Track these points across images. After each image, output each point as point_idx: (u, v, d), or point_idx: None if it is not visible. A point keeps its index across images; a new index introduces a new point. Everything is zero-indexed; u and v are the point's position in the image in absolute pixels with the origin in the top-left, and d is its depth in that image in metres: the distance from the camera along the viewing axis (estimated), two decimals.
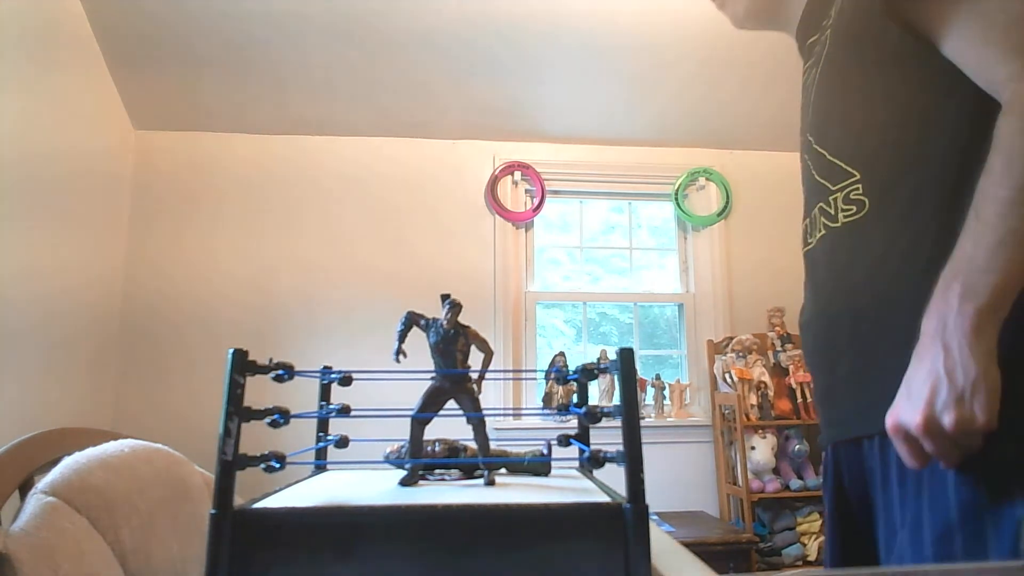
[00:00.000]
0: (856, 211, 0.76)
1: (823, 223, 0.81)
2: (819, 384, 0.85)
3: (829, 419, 0.83)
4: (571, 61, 2.67)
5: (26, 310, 2.15)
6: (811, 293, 0.86)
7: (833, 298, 0.80)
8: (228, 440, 0.41)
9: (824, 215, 0.81)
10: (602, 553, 0.39)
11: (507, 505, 0.42)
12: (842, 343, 0.78)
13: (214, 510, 0.39)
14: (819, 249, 0.83)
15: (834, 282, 0.80)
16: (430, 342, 0.58)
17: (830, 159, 0.80)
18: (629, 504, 0.40)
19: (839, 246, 0.79)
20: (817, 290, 0.84)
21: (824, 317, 0.82)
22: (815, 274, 0.85)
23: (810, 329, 0.86)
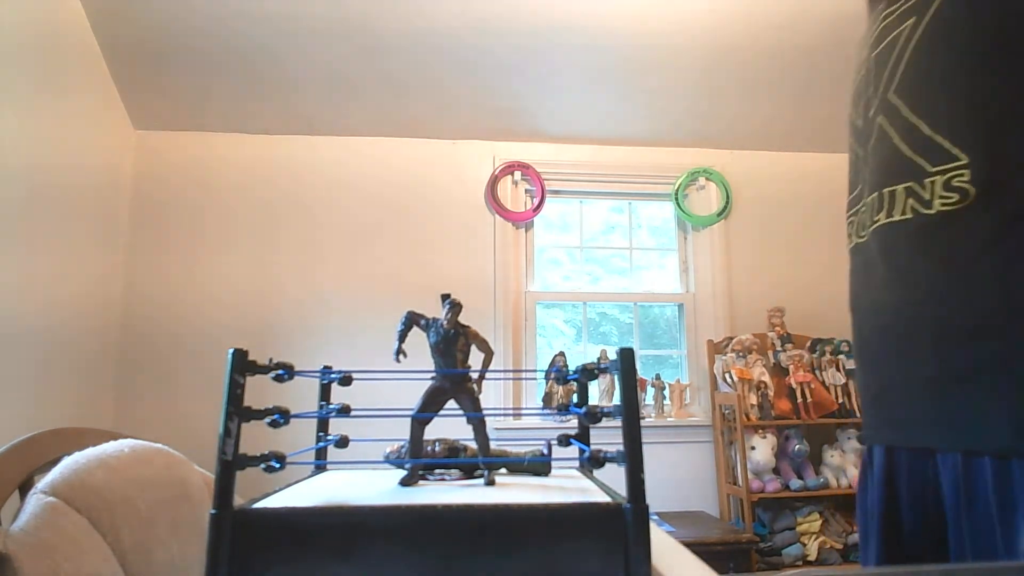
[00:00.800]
0: (959, 200, 0.67)
1: (911, 205, 0.72)
2: (881, 380, 0.77)
3: (892, 421, 0.76)
4: (571, 61, 2.67)
5: (27, 312, 2.15)
6: (882, 277, 0.76)
7: (920, 290, 0.71)
8: (228, 440, 0.41)
9: (914, 197, 0.71)
10: (602, 553, 0.39)
11: (507, 505, 0.42)
12: (927, 342, 0.70)
13: (214, 510, 0.39)
14: (901, 232, 0.73)
15: (923, 273, 0.71)
16: (430, 342, 0.58)
17: (929, 133, 0.70)
18: (629, 504, 0.40)
19: (933, 236, 0.69)
20: (896, 276, 0.74)
21: (904, 308, 0.73)
22: (892, 257, 0.75)
23: (876, 317, 0.77)
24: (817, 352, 2.82)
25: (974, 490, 0.65)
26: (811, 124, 3.00)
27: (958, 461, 0.66)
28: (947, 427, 0.67)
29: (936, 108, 0.71)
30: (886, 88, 0.76)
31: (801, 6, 2.46)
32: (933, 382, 0.69)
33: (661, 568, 0.45)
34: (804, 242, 3.09)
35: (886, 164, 0.75)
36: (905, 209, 0.72)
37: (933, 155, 0.70)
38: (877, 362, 0.78)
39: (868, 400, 0.81)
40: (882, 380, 0.77)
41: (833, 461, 2.72)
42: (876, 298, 0.78)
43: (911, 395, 0.72)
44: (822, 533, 2.62)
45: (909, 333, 0.72)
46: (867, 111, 0.80)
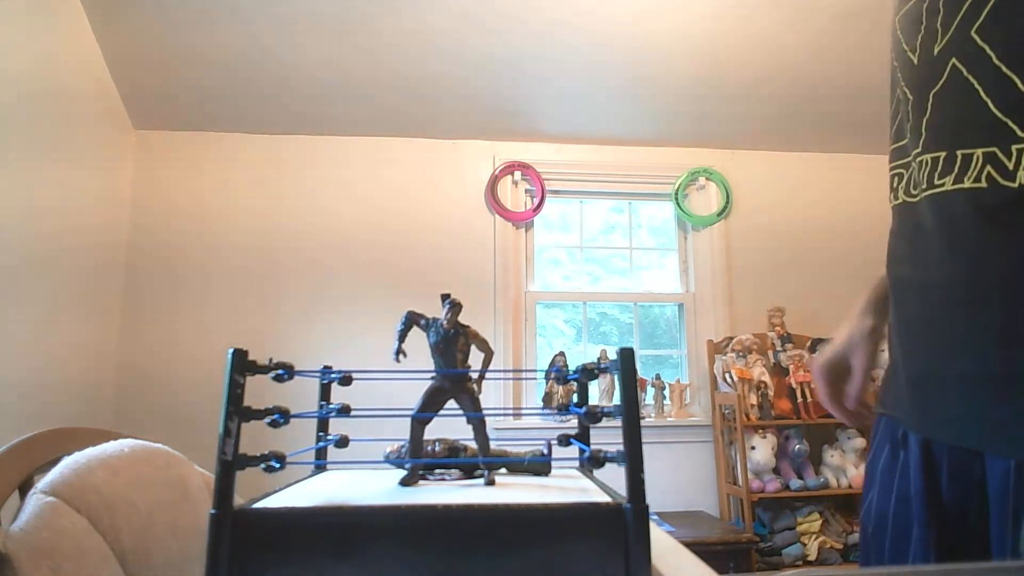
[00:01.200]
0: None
1: (988, 173, 0.61)
2: (928, 366, 0.68)
3: (936, 413, 0.68)
4: (571, 61, 2.67)
5: (26, 310, 2.15)
6: (941, 249, 0.66)
7: (990, 273, 0.61)
8: (228, 440, 0.41)
9: (993, 163, 0.60)
10: (602, 553, 0.39)
11: (507, 505, 0.42)
12: (991, 335, 0.61)
13: (214, 510, 0.39)
14: (971, 201, 0.62)
15: (996, 254, 0.61)
16: (430, 342, 0.58)
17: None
18: (629, 504, 0.40)
19: (1012, 212, 0.59)
20: (961, 252, 0.64)
21: (966, 291, 0.63)
22: (956, 229, 0.64)
23: (928, 293, 0.68)
24: (817, 352, 2.81)
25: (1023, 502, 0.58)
26: (811, 124, 3.00)
27: (1011, 468, 0.59)
28: (1003, 432, 0.60)
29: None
30: (966, 22, 0.62)
31: (801, 5, 2.46)
32: (993, 380, 0.61)
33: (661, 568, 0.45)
34: (804, 242, 3.08)
35: (963, 120, 0.63)
36: (980, 176, 0.61)
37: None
38: (926, 346, 0.69)
39: (909, 382, 0.72)
40: (929, 366, 0.68)
41: (833, 461, 2.72)
42: (931, 273, 0.68)
43: (964, 390, 0.63)
44: (822, 533, 2.62)
45: (971, 321, 0.63)
46: (930, 45, 0.66)
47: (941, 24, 0.65)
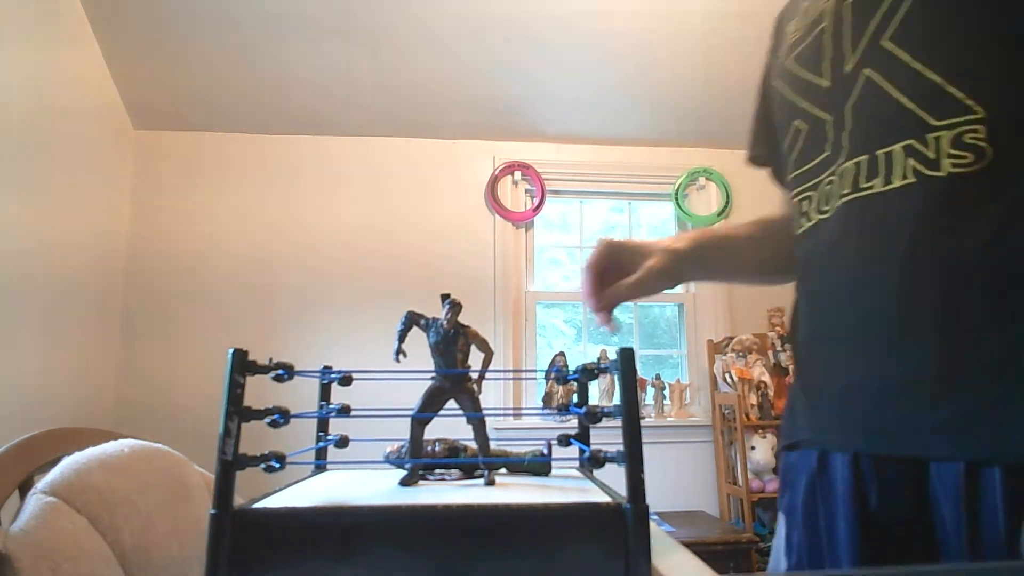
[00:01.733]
0: (973, 160, 0.57)
1: (913, 166, 0.60)
2: (850, 376, 0.65)
3: (866, 425, 0.65)
4: (571, 61, 2.67)
5: (26, 310, 2.15)
6: (861, 255, 0.65)
7: (929, 266, 0.59)
8: (228, 440, 0.41)
9: (915, 156, 0.60)
10: (602, 553, 0.39)
11: (507, 505, 0.42)
12: (926, 331, 0.59)
13: (214, 510, 0.39)
14: (900, 197, 0.61)
15: (934, 246, 0.59)
16: (430, 342, 0.58)
17: (939, 81, 0.59)
18: (629, 504, 0.40)
19: (942, 203, 0.59)
20: (886, 251, 0.62)
21: (894, 289, 0.61)
22: (886, 227, 0.62)
23: (847, 300, 0.66)
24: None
25: (980, 504, 0.56)
26: None
27: (959, 471, 0.57)
28: (946, 434, 0.58)
29: (948, 52, 0.60)
30: (875, 36, 0.64)
31: None
32: (931, 382, 0.59)
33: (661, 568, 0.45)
34: None
35: (877, 121, 0.64)
36: (906, 172, 0.61)
37: (940, 106, 0.59)
38: (854, 356, 0.65)
39: (834, 398, 0.68)
40: (858, 377, 0.65)
41: None
42: (848, 280, 0.66)
43: (900, 396, 0.61)
44: None
45: (904, 322, 0.61)
46: (840, 65, 0.68)
47: (850, 44, 0.67)
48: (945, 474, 0.58)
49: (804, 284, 0.75)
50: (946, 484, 0.58)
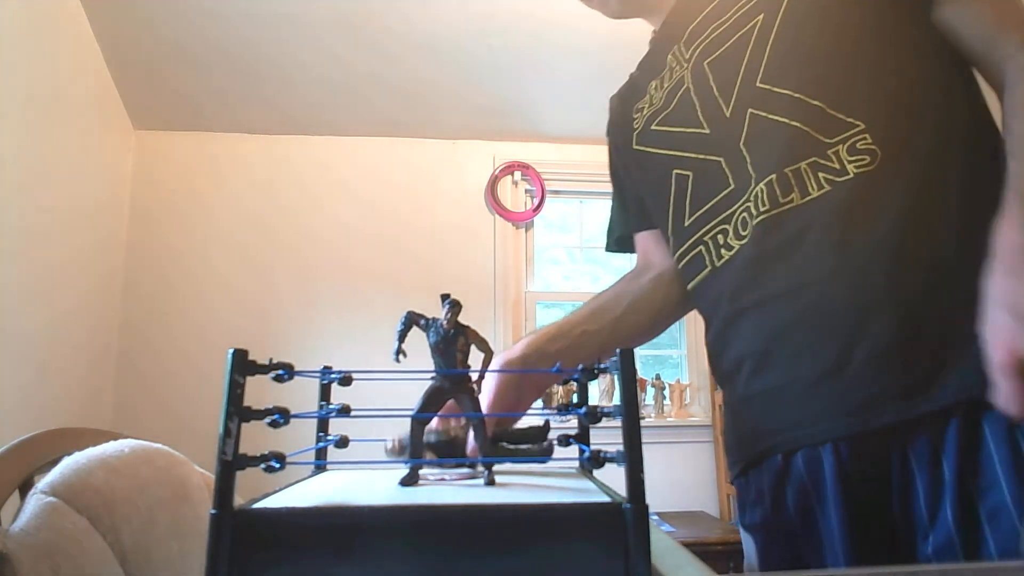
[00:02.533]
0: (870, 161, 0.67)
1: (824, 179, 0.69)
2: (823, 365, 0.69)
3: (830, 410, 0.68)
4: (571, 61, 2.67)
5: (26, 310, 2.15)
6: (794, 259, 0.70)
7: (845, 264, 0.68)
8: (228, 440, 0.41)
9: (823, 170, 0.69)
10: (602, 553, 0.39)
11: (507, 505, 0.42)
12: (862, 316, 0.66)
13: (214, 510, 0.39)
14: (816, 208, 0.69)
15: (857, 238, 0.67)
16: (430, 342, 0.58)
17: (819, 105, 0.70)
18: (629, 504, 0.40)
19: (858, 198, 0.67)
20: (814, 257, 0.69)
21: (852, 280, 0.68)
22: (808, 233, 0.69)
23: (801, 300, 0.70)
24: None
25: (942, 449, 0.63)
26: None
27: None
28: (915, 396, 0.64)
29: (819, 81, 0.70)
30: (747, 81, 0.74)
31: None
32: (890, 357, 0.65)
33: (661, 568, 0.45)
34: None
35: (776, 146, 0.72)
36: (820, 183, 0.69)
37: (828, 127, 0.69)
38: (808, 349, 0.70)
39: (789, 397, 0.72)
40: (814, 368, 0.69)
41: None
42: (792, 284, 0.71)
43: (864, 374, 0.66)
44: None
45: (856, 309, 0.67)
46: (717, 114, 0.77)
47: (721, 93, 0.77)
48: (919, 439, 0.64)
49: (732, 306, 0.77)
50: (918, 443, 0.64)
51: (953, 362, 0.62)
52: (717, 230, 0.78)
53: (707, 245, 0.79)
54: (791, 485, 0.72)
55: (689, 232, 0.82)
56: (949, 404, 0.62)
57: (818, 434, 0.70)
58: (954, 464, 0.62)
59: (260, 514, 0.41)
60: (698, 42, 0.82)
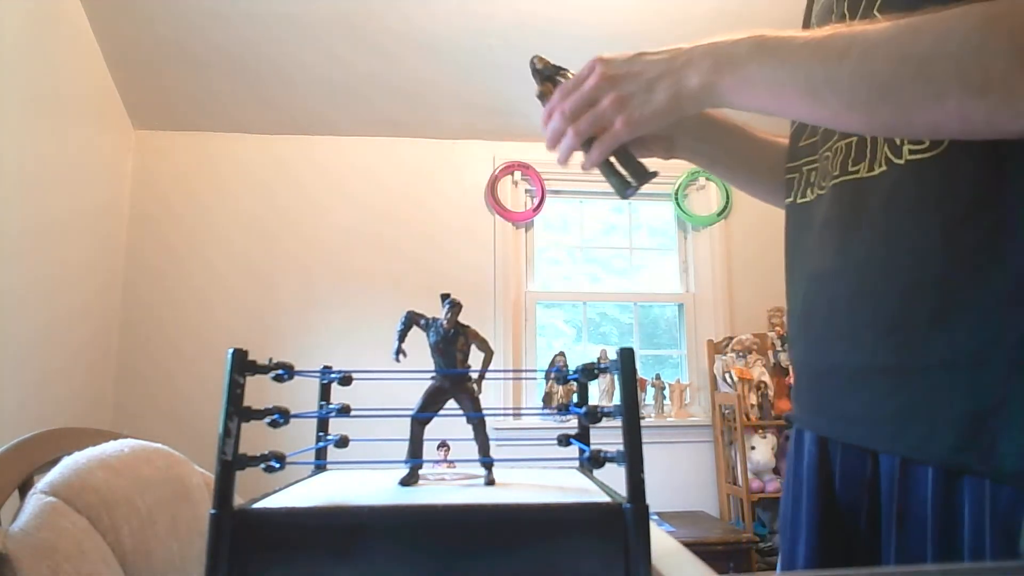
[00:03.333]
0: (929, 146, 0.57)
1: (885, 153, 0.60)
2: (824, 360, 0.66)
3: (829, 410, 0.66)
4: (571, 61, 2.67)
5: (26, 310, 2.15)
6: (841, 240, 0.64)
7: (878, 260, 0.60)
8: (228, 440, 0.41)
9: (888, 142, 0.60)
10: (602, 553, 0.39)
11: (507, 505, 0.42)
12: (882, 323, 0.59)
13: (214, 510, 0.39)
14: (869, 187, 0.61)
15: (894, 239, 0.59)
16: (430, 342, 0.58)
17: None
18: (629, 504, 0.40)
19: (901, 192, 0.59)
20: (858, 239, 0.62)
21: (856, 281, 0.62)
22: (855, 217, 0.62)
23: (824, 285, 0.66)
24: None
25: (909, 501, 0.56)
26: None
27: (896, 466, 0.57)
28: (890, 427, 0.58)
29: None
30: (868, 6, 0.63)
31: (801, 5, 2.46)
32: (884, 372, 0.59)
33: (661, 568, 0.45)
34: None
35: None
36: (882, 160, 0.61)
37: None
38: (821, 340, 0.66)
39: (807, 378, 0.70)
40: (825, 361, 0.66)
41: None
42: (828, 264, 0.66)
43: (858, 384, 0.61)
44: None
45: (861, 310, 0.61)
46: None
47: (848, 8, 0.66)
48: (886, 467, 0.59)
49: (795, 260, 0.74)
50: (886, 478, 0.59)
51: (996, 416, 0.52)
52: (812, 166, 0.72)
53: (802, 175, 0.74)
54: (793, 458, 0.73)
55: (796, 154, 0.76)
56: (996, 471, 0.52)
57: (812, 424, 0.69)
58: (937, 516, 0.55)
59: (260, 514, 0.41)
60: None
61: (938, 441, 0.54)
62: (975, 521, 0.52)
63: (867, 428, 0.61)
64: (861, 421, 0.61)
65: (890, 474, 0.58)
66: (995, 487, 0.51)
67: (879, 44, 0.51)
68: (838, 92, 0.53)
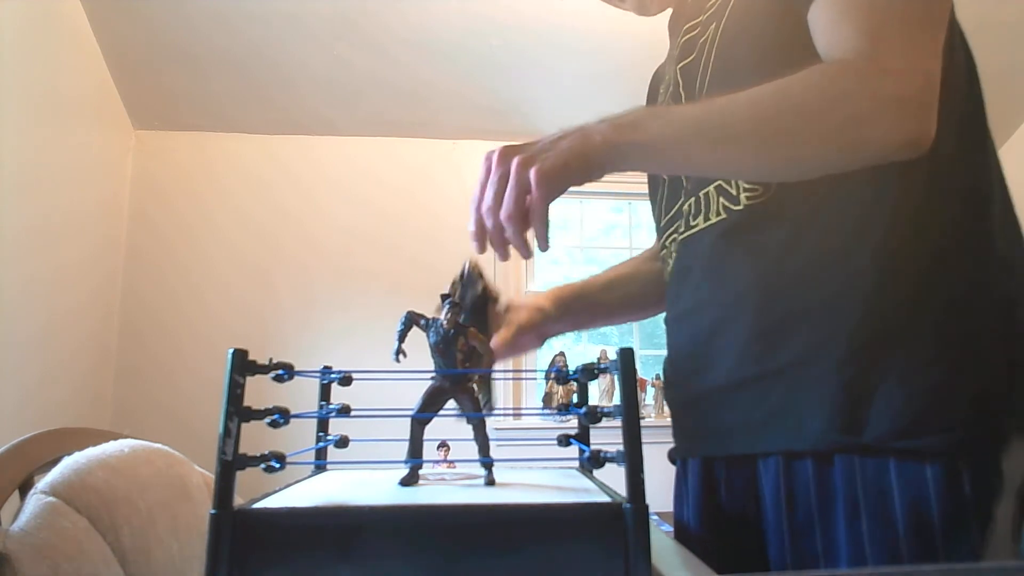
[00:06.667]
0: (762, 192, 0.67)
1: (723, 204, 0.70)
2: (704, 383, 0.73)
3: (707, 430, 0.74)
4: (571, 61, 2.67)
5: (25, 310, 2.15)
6: (695, 283, 0.74)
7: (729, 289, 0.70)
8: (228, 440, 0.41)
9: (724, 195, 0.70)
10: (602, 553, 0.39)
11: (507, 505, 0.42)
12: (739, 342, 0.68)
13: (214, 510, 0.39)
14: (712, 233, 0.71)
15: (733, 271, 0.69)
16: (430, 342, 0.58)
17: None
18: (629, 504, 0.40)
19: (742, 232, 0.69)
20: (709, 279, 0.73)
21: (716, 310, 0.71)
22: (705, 261, 0.73)
23: (689, 323, 0.76)
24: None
25: (794, 491, 0.63)
26: None
27: (779, 464, 0.65)
28: (765, 430, 0.65)
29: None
30: (699, 94, 0.74)
31: None
32: (747, 385, 0.67)
33: (661, 568, 0.45)
34: None
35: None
36: (719, 209, 0.71)
37: None
38: (691, 370, 0.75)
39: (681, 413, 0.81)
40: (695, 387, 0.74)
41: None
42: (681, 308, 0.77)
43: (726, 401, 0.69)
44: None
45: (717, 338, 0.70)
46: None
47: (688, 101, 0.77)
48: (768, 469, 0.66)
49: (666, 313, 0.84)
50: (769, 478, 0.66)
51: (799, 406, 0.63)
52: (671, 237, 0.80)
53: (667, 250, 0.82)
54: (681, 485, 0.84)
55: (661, 232, 0.85)
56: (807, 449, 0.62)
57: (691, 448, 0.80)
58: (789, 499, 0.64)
59: (260, 514, 0.41)
60: (687, 29, 0.83)
61: (809, 429, 0.62)
62: (850, 494, 0.59)
63: (744, 436, 0.68)
64: (738, 431, 0.69)
65: (773, 472, 0.65)
66: (862, 460, 0.59)
67: (762, 95, 0.60)
68: (732, 132, 0.60)
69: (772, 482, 0.65)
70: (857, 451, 0.59)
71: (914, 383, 0.59)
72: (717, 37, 0.73)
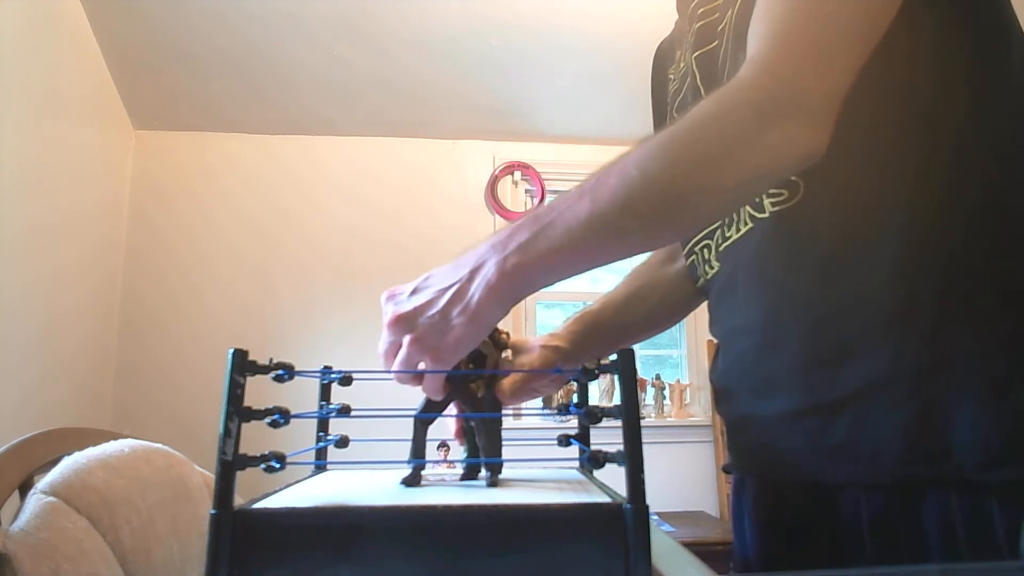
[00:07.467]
0: (788, 196, 0.62)
1: (749, 214, 0.66)
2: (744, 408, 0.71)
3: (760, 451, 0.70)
4: (571, 61, 2.67)
5: (25, 310, 2.15)
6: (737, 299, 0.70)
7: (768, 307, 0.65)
8: (228, 440, 0.41)
9: (752, 204, 0.65)
10: (602, 553, 0.39)
11: (507, 505, 0.42)
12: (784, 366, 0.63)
13: (214, 510, 0.39)
14: (743, 246, 0.67)
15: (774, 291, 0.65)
16: None
17: None
18: (629, 504, 0.40)
19: (772, 243, 0.64)
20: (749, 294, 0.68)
21: (757, 332, 0.67)
22: (751, 272, 0.68)
23: (740, 341, 0.71)
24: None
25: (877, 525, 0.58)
26: None
27: (859, 497, 0.59)
28: (832, 459, 0.60)
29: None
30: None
31: None
32: (812, 412, 0.61)
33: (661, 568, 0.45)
34: None
35: None
36: (745, 219, 0.66)
37: None
38: (744, 388, 0.71)
39: (733, 426, 0.76)
40: (750, 408, 0.70)
41: None
42: (731, 325, 0.72)
43: (784, 427, 0.65)
44: None
45: (766, 362, 0.66)
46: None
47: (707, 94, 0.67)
48: (848, 499, 0.60)
49: (712, 327, 0.79)
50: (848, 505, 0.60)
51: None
52: (703, 244, 0.76)
53: (698, 256, 0.78)
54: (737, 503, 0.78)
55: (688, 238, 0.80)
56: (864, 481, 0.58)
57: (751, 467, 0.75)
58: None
59: (260, 514, 0.41)
60: (701, 14, 0.75)
61: (886, 459, 0.56)
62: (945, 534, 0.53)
63: (810, 466, 0.63)
64: (805, 459, 0.63)
65: (854, 505, 0.60)
66: (959, 497, 0.53)
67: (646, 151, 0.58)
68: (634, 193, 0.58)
69: (851, 514, 0.60)
70: (947, 484, 0.54)
71: (997, 404, 0.53)
72: (732, 25, 0.67)
